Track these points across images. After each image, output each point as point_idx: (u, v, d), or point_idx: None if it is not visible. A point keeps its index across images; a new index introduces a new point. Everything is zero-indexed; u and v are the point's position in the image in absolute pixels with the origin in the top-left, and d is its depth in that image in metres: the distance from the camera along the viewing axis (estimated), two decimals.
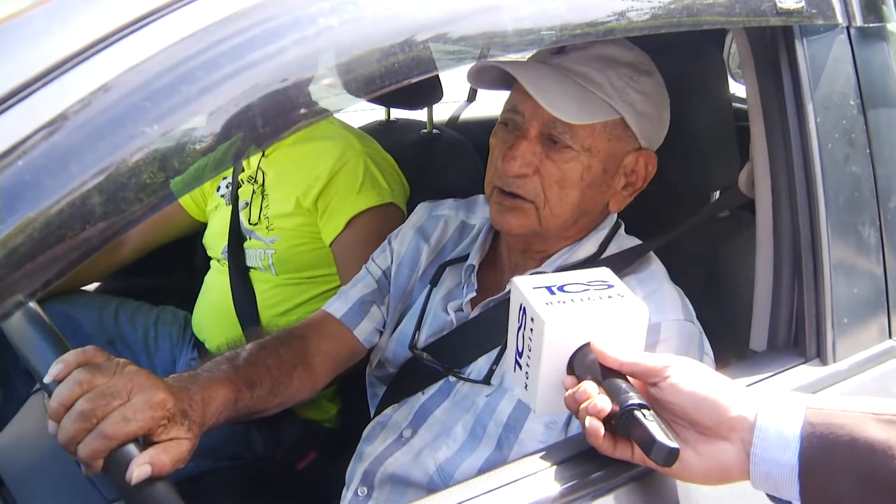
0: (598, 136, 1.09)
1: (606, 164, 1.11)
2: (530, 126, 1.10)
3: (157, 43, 0.63)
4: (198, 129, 0.64)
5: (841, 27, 1.04)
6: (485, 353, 1.14)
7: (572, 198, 1.11)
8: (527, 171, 1.09)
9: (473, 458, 1.09)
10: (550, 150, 1.09)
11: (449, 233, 1.30)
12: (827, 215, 1.04)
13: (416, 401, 1.19)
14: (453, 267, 1.24)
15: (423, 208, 1.35)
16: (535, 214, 1.11)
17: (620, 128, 1.11)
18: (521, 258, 1.19)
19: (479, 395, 1.12)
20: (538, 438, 1.07)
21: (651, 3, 0.89)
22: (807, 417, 0.75)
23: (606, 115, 1.09)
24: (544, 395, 0.86)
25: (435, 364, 1.17)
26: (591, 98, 1.09)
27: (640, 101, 1.11)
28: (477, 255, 1.21)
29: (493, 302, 1.17)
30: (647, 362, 0.82)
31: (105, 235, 0.61)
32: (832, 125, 1.04)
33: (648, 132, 1.14)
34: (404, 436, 1.17)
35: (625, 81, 1.10)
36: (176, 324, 1.90)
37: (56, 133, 0.59)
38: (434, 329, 1.21)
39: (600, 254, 1.17)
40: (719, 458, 0.79)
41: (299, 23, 0.68)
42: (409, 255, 1.30)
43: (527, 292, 0.87)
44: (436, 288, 1.24)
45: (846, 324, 1.06)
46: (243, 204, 1.76)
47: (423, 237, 1.30)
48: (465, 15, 0.77)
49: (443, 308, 1.22)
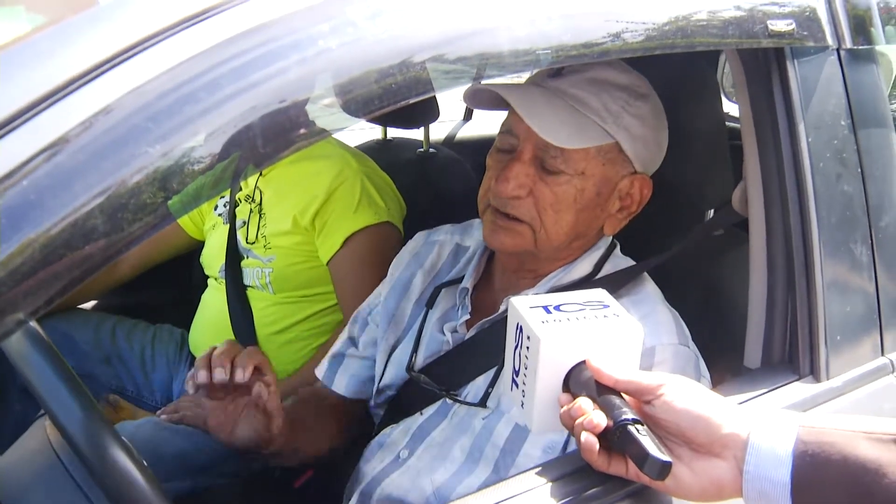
0: (591, 160, 1.10)
1: (600, 187, 1.12)
2: (524, 149, 1.10)
3: (160, 65, 0.64)
4: (198, 148, 0.64)
5: (831, 49, 1.06)
6: (481, 373, 1.14)
7: (567, 220, 1.11)
8: (521, 193, 1.10)
9: (470, 481, 1.09)
10: (544, 174, 1.10)
11: (444, 256, 1.30)
12: (819, 234, 1.05)
13: (415, 421, 1.19)
14: (448, 289, 1.25)
15: (420, 236, 1.36)
16: (530, 236, 1.12)
17: (615, 152, 1.11)
18: (514, 278, 1.19)
19: (477, 418, 1.12)
20: (535, 462, 1.06)
21: (646, 24, 0.90)
22: (799, 435, 0.76)
23: (601, 140, 1.09)
24: (541, 413, 0.87)
25: (432, 386, 1.17)
26: (585, 122, 1.09)
27: (635, 126, 1.11)
28: (471, 278, 1.21)
29: (487, 323, 1.17)
30: (641, 380, 0.83)
31: (106, 255, 0.61)
32: (824, 145, 1.06)
33: (644, 156, 1.14)
34: (401, 456, 1.17)
35: (620, 105, 1.10)
36: (173, 342, 1.90)
37: (58, 154, 0.60)
38: (431, 350, 1.21)
39: (595, 274, 1.17)
40: (713, 474, 0.79)
41: (299, 45, 0.69)
42: (402, 281, 1.30)
43: (523, 311, 0.87)
44: (431, 310, 1.24)
45: (839, 341, 1.07)
46: (241, 223, 1.77)
47: (417, 263, 1.31)
48: (462, 36, 0.79)
49: (439, 329, 1.22)
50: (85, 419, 0.84)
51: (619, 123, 1.10)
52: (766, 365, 1.10)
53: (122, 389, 1.82)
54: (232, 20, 0.68)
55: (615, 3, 0.90)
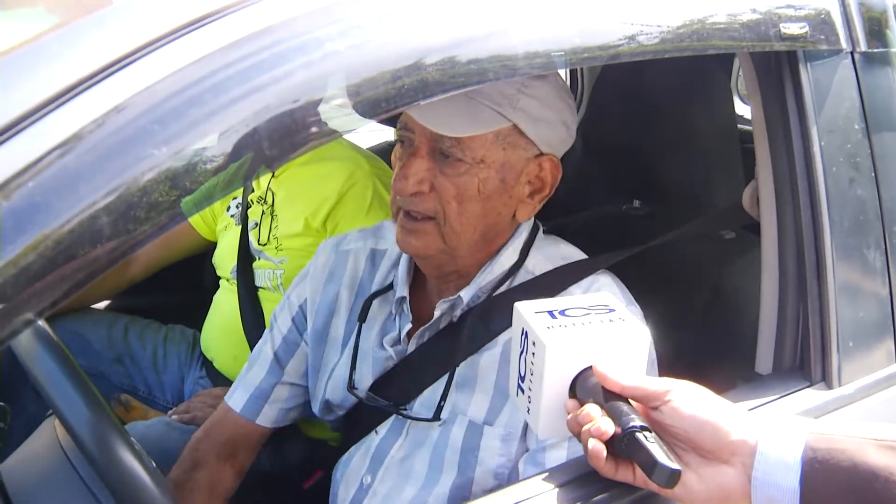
0: (490, 146, 1.05)
1: (504, 174, 1.07)
2: (420, 143, 1.06)
3: (167, 67, 0.64)
4: (208, 149, 0.65)
5: (845, 52, 1.05)
6: (428, 385, 1.12)
7: (473, 212, 1.07)
8: (422, 189, 1.06)
9: (439, 489, 1.08)
10: (443, 165, 1.05)
11: (361, 266, 1.25)
12: (832, 238, 1.04)
13: (372, 441, 1.16)
14: (380, 299, 1.20)
15: (327, 246, 1.30)
16: (437, 232, 1.07)
17: (515, 135, 1.06)
18: (441, 283, 1.16)
19: (433, 428, 1.10)
20: (498, 453, 1.06)
21: (660, 27, 0.90)
22: (808, 442, 0.75)
23: (496, 124, 1.04)
24: (547, 419, 0.87)
25: (379, 403, 1.14)
26: (478, 108, 1.04)
27: (534, 107, 1.06)
28: (405, 286, 1.16)
29: (426, 332, 1.14)
30: (648, 386, 0.82)
31: (115, 254, 0.62)
32: (837, 149, 1.05)
33: (548, 137, 1.09)
34: (364, 483, 1.14)
35: (516, 88, 1.05)
36: (184, 342, 1.91)
37: (68, 154, 0.60)
38: (375, 367, 1.17)
39: (522, 260, 1.14)
40: (720, 481, 0.79)
41: (306, 47, 0.69)
42: (326, 301, 1.25)
43: (528, 317, 0.87)
44: (365, 324, 1.19)
45: (852, 347, 1.06)
46: (253, 224, 1.77)
47: (336, 280, 1.25)
48: (474, 38, 0.78)
49: (379, 345, 1.18)
50: (92, 419, 0.85)
51: (514, 105, 1.05)
52: (778, 371, 1.09)
53: (133, 389, 1.83)
54: (240, 22, 0.68)
55: (628, 6, 0.89)
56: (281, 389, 1.28)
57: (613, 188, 1.60)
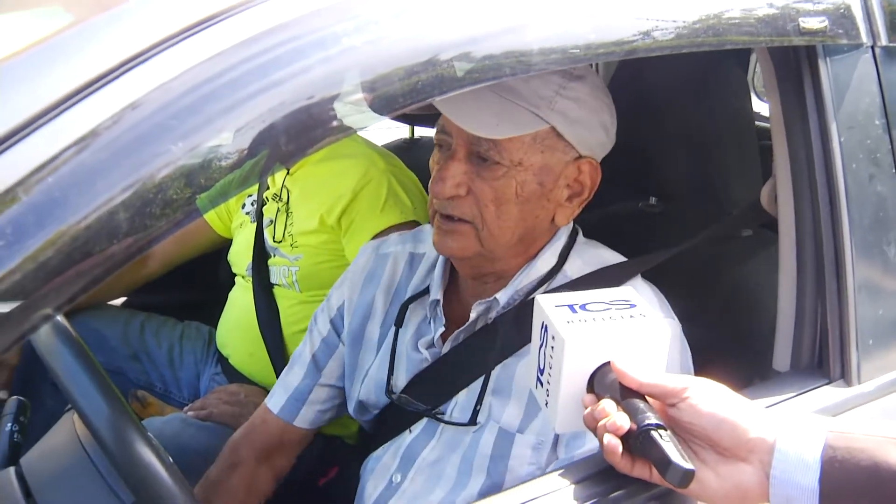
0: (527, 148, 1.04)
1: (542, 177, 1.06)
2: (458, 146, 1.05)
3: (183, 64, 0.64)
4: (224, 145, 0.65)
5: (866, 46, 1.04)
6: (464, 387, 1.11)
7: (510, 215, 1.06)
8: (459, 192, 1.05)
9: (467, 493, 1.08)
10: (480, 168, 1.05)
11: (399, 270, 1.25)
12: (851, 235, 1.03)
13: (403, 441, 1.16)
14: (416, 303, 1.20)
15: (368, 250, 1.30)
16: (474, 236, 1.07)
17: (553, 137, 1.06)
18: (477, 284, 1.16)
19: (467, 433, 1.10)
20: (528, 461, 1.05)
21: (675, 22, 0.89)
22: (827, 441, 0.75)
23: (534, 126, 1.04)
24: (564, 413, 0.86)
25: (416, 406, 1.14)
26: (515, 110, 1.03)
27: (572, 108, 1.05)
28: (439, 288, 1.16)
29: (462, 334, 1.13)
30: (666, 383, 0.82)
31: (131, 250, 0.62)
32: (856, 144, 1.04)
33: (587, 139, 1.08)
34: (394, 481, 1.14)
35: (553, 90, 1.04)
36: (200, 339, 1.92)
37: (85, 150, 0.61)
38: (410, 370, 1.17)
39: (561, 264, 1.13)
40: (738, 479, 0.78)
41: (323, 42, 0.69)
42: (362, 304, 1.25)
43: (549, 310, 0.87)
44: (402, 328, 1.20)
45: (871, 345, 1.05)
46: (268, 221, 1.78)
47: (374, 283, 1.26)
48: (490, 35, 0.78)
49: (414, 347, 1.18)
50: (111, 414, 0.85)
51: (552, 108, 1.04)
52: (796, 368, 1.08)
53: (150, 385, 1.84)
54: (257, 18, 0.68)
55: (644, 1, 0.89)
56: (319, 391, 1.29)
57: (629, 185, 1.59)
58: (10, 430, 0.99)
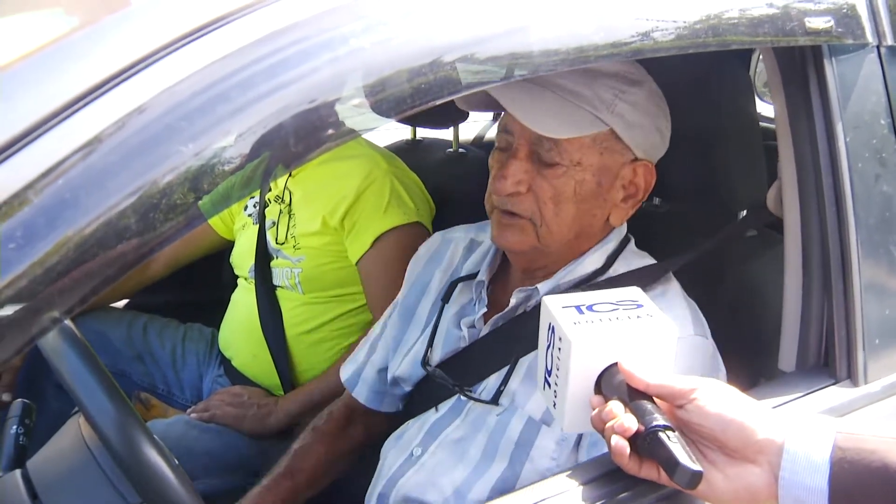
0: (587, 149, 1.08)
1: (600, 177, 1.10)
2: (519, 145, 1.10)
3: (193, 65, 0.64)
4: (229, 148, 0.65)
5: (871, 46, 1.04)
6: (495, 371, 1.14)
7: (568, 213, 1.10)
8: (519, 189, 1.09)
9: (487, 477, 1.09)
10: (541, 167, 1.09)
11: (459, 253, 1.31)
12: (857, 235, 1.03)
13: (429, 418, 1.19)
14: (465, 284, 1.25)
15: (437, 236, 1.37)
16: (532, 231, 1.11)
17: (612, 139, 1.10)
18: (525, 277, 1.19)
19: (491, 415, 1.12)
20: (550, 455, 1.06)
21: (677, 23, 0.89)
22: (836, 442, 0.74)
23: (594, 128, 1.08)
24: (572, 414, 0.86)
25: (446, 381, 1.17)
26: (576, 112, 1.07)
27: (630, 112, 1.09)
28: (487, 272, 1.21)
29: (501, 319, 1.17)
30: (673, 384, 0.82)
31: (142, 252, 0.62)
32: (862, 144, 1.03)
33: (643, 142, 1.12)
34: (414, 454, 1.17)
35: (613, 94, 1.09)
36: (203, 341, 1.92)
37: (93, 153, 0.61)
38: (447, 346, 1.21)
39: (607, 268, 1.15)
40: (747, 480, 0.78)
41: (331, 43, 0.69)
42: (421, 281, 1.31)
43: (555, 312, 0.87)
44: (447, 305, 1.25)
45: (878, 345, 1.04)
46: (270, 223, 1.77)
47: (436, 263, 1.32)
48: (494, 36, 0.78)
49: (455, 324, 1.22)
50: (118, 417, 0.85)
51: (612, 111, 1.08)
52: (802, 368, 1.08)
53: (153, 387, 1.84)
54: (265, 19, 0.68)
55: (649, 2, 0.89)
56: (369, 369, 1.35)
57: None
58: (15, 432, 0.99)
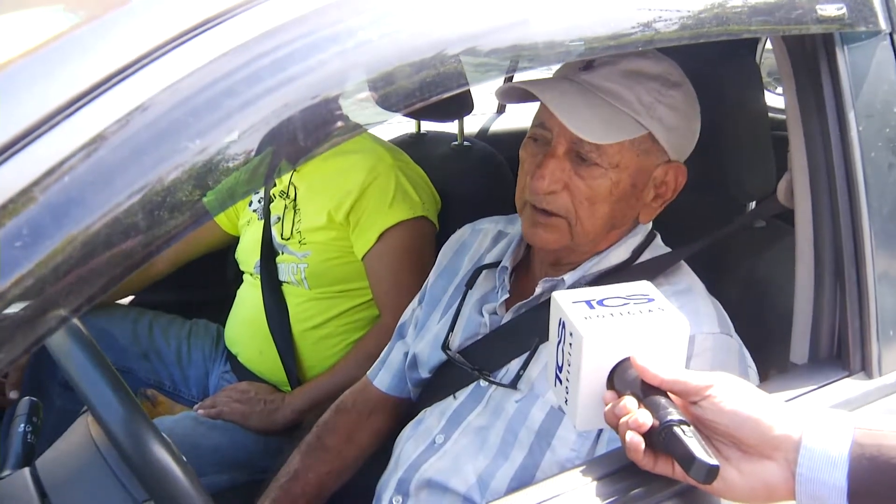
0: (626, 152, 1.09)
1: (636, 178, 1.11)
2: (558, 143, 1.10)
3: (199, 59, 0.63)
4: (236, 143, 0.64)
5: (884, 33, 1.03)
6: (513, 358, 1.14)
7: (603, 212, 1.11)
8: (556, 188, 1.10)
9: (508, 465, 1.09)
10: (579, 167, 1.09)
11: (486, 242, 1.32)
12: (871, 225, 1.02)
13: (449, 406, 1.19)
14: (489, 271, 1.26)
15: (467, 227, 1.38)
16: (567, 230, 1.12)
17: (649, 142, 1.11)
18: (551, 269, 1.19)
19: (510, 401, 1.12)
20: (570, 446, 1.06)
21: (681, 13, 0.88)
22: (855, 438, 0.73)
23: (635, 132, 1.09)
24: (584, 410, 0.85)
25: (465, 365, 1.18)
26: (618, 115, 1.08)
27: (668, 116, 1.10)
28: (510, 258, 1.22)
29: (523, 307, 1.17)
30: (688, 380, 0.80)
31: (146, 251, 0.61)
32: (875, 133, 1.02)
33: (677, 144, 1.14)
34: (437, 441, 1.17)
35: (653, 97, 1.09)
36: (208, 337, 1.92)
37: (99, 150, 0.60)
38: (468, 331, 1.22)
39: (633, 261, 1.16)
40: (763, 477, 0.77)
41: (338, 37, 0.68)
42: (449, 269, 1.33)
43: (566, 307, 0.86)
44: (471, 290, 1.26)
45: (892, 336, 1.03)
46: (275, 219, 1.77)
47: (465, 251, 1.33)
48: (497, 28, 0.77)
49: (477, 310, 1.23)
50: (125, 414, 0.85)
51: (652, 115, 1.09)
52: (814, 360, 1.07)
53: (159, 384, 1.84)
54: (271, 12, 0.67)
55: None
56: (396, 354, 1.37)
57: None
58: (23, 430, 0.98)
